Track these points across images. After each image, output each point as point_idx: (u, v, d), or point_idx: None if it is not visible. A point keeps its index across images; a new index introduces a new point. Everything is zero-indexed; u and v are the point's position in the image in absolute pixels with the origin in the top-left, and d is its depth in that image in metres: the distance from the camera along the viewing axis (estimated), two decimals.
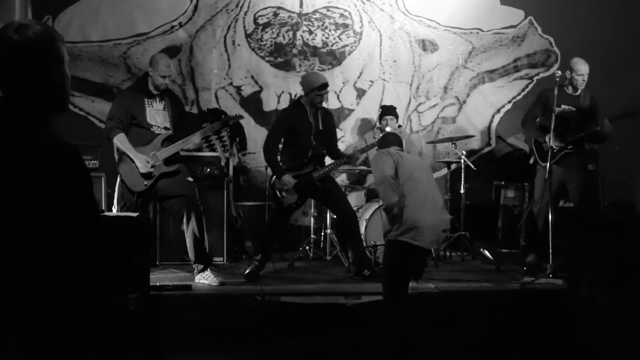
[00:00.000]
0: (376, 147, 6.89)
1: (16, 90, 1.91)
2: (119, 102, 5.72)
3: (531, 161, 6.45)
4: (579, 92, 6.30)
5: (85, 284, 1.87)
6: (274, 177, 6.02)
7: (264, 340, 4.83)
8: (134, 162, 5.52)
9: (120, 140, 5.53)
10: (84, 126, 7.35)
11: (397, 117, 7.33)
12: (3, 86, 1.92)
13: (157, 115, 5.67)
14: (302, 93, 6.07)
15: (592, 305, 4.34)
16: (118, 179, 5.69)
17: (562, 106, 6.17)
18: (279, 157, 6.16)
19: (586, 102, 6.27)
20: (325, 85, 5.97)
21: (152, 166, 5.52)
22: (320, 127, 6.05)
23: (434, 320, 5.01)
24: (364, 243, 6.19)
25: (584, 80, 6.21)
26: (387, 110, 7.34)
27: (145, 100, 5.64)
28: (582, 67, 6.20)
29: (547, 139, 6.04)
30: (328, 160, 6.24)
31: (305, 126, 6.01)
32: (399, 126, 7.18)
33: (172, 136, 5.67)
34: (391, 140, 4.90)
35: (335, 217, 6.43)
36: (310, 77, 6.10)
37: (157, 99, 5.69)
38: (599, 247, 4.53)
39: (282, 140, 6.18)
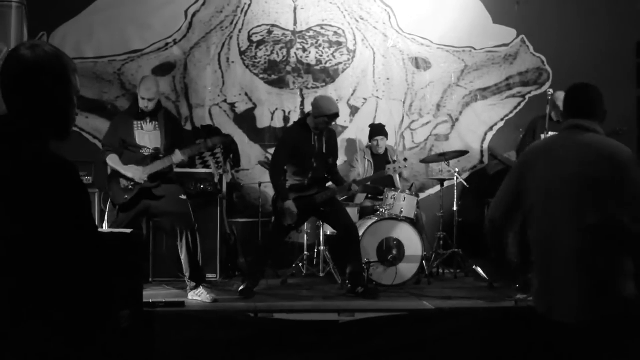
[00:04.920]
0: (373, 170, 6.96)
1: (21, 106, 1.94)
2: (111, 129, 5.95)
3: None
4: None
5: (81, 298, 1.87)
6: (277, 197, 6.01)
7: (257, 357, 4.82)
8: (122, 177, 5.65)
9: (111, 160, 5.75)
10: (77, 142, 7.31)
11: (387, 135, 7.35)
12: (9, 101, 1.95)
13: (147, 137, 5.76)
14: (312, 114, 5.96)
15: None
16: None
17: (550, 133, 6.35)
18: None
19: None
20: (336, 116, 5.93)
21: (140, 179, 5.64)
22: (324, 150, 6.02)
23: (428, 337, 5.02)
24: None
25: None
26: (377, 130, 7.32)
27: (135, 123, 5.76)
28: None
29: None
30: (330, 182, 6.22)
31: (307, 147, 5.95)
32: (405, 159, 7.21)
33: (161, 153, 5.73)
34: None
35: (335, 233, 6.37)
36: (324, 103, 5.96)
37: (148, 120, 5.76)
38: None
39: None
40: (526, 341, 3.30)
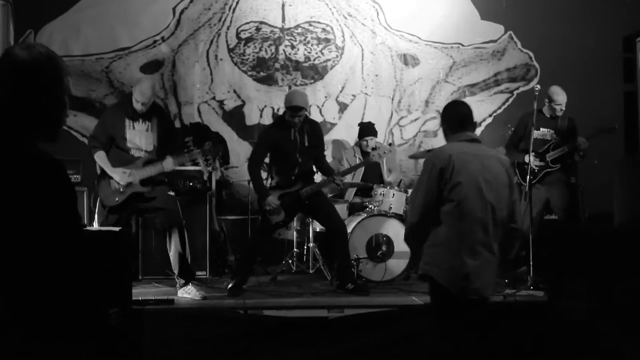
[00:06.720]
0: (362, 168, 6.95)
1: (14, 106, 1.94)
2: (100, 122, 5.84)
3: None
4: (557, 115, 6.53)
5: (68, 297, 1.87)
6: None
7: (246, 354, 4.83)
8: (111, 178, 5.56)
9: (99, 158, 5.64)
10: (66, 141, 7.29)
11: (376, 134, 7.30)
12: (1, 100, 1.94)
13: (138, 137, 5.65)
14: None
15: (571, 316, 4.38)
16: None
17: (541, 129, 6.37)
18: (267, 174, 6.17)
19: (564, 125, 6.48)
20: (295, 108, 5.81)
21: (129, 182, 5.54)
22: (306, 144, 5.98)
23: (417, 332, 5.03)
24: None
25: (561, 110, 6.44)
26: (366, 130, 7.24)
27: (127, 121, 5.63)
28: (559, 97, 6.42)
29: (526, 159, 6.18)
30: (318, 176, 6.22)
31: (288, 144, 5.93)
32: (390, 144, 7.20)
33: (155, 158, 5.65)
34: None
35: (323, 229, 6.38)
36: (287, 96, 6.03)
37: (141, 120, 5.65)
38: (579, 259, 4.57)
39: (269, 157, 6.17)
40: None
